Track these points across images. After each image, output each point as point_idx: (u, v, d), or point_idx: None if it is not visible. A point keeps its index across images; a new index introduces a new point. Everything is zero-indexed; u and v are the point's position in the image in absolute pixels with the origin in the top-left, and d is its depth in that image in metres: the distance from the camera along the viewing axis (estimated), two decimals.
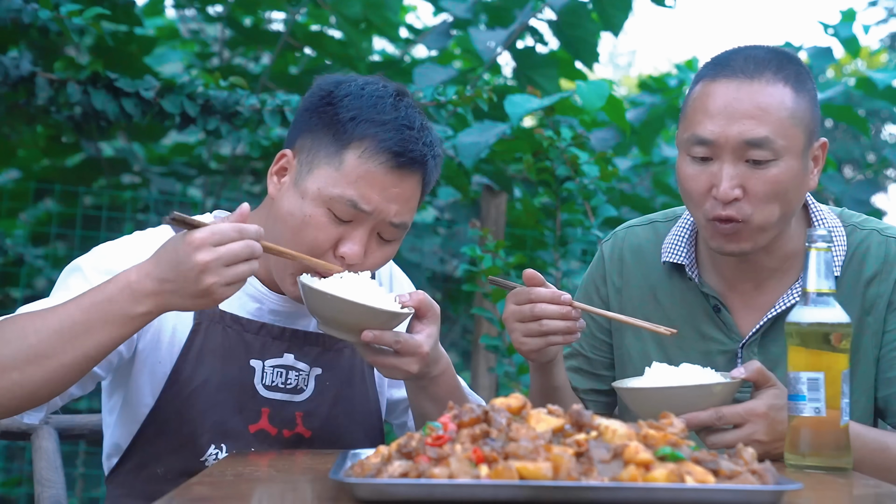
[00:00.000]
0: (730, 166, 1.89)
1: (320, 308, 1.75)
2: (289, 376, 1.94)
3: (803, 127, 1.92)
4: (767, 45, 1.99)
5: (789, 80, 1.92)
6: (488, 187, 4.33)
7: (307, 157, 1.85)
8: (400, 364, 1.77)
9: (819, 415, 1.64)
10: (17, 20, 3.38)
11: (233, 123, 3.69)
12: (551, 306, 1.87)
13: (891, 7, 9.76)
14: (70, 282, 1.83)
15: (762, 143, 1.88)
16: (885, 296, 2.00)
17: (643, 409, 1.74)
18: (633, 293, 2.13)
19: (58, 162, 5.02)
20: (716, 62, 1.96)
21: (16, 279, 4.66)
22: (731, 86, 1.91)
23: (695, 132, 1.92)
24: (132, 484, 1.91)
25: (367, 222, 1.83)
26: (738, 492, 1.25)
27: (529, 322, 1.88)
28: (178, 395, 1.87)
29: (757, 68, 1.91)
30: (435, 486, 1.23)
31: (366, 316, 1.73)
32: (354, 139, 1.82)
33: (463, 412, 1.36)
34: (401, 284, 2.14)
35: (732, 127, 1.89)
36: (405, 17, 5.68)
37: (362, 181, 1.81)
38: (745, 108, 1.89)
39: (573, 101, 4.12)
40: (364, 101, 1.85)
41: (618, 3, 4.55)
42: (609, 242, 2.21)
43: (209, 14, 5.23)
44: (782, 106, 1.89)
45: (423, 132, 1.86)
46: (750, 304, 2.04)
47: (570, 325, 1.88)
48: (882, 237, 2.04)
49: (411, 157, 1.83)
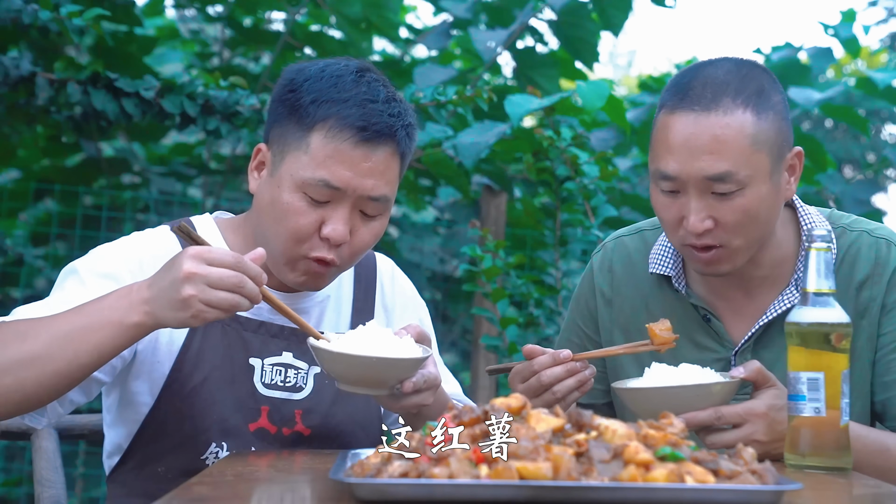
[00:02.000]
0: (696, 200, 1.87)
1: (345, 371, 1.70)
2: (288, 374, 1.94)
3: (768, 149, 1.87)
4: (728, 61, 1.94)
5: (749, 103, 1.87)
6: (488, 187, 4.33)
7: (278, 147, 1.87)
8: (421, 401, 1.76)
9: (819, 415, 1.64)
10: (18, 20, 3.38)
11: (233, 123, 3.69)
12: (555, 369, 1.84)
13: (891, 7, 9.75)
14: (66, 284, 1.83)
15: (724, 177, 1.85)
16: (879, 299, 1.99)
17: (643, 409, 1.73)
18: (624, 305, 2.11)
19: (58, 162, 5.02)
20: (676, 89, 1.91)
21: (16, 279, 4.66)
22: (689, 119, 1.86)
23: (658, 167, 1.90)
24: (133, 483, 1.91)
25: (345, 201, 1.83)
26: (738, 492, 1.25)
27: (544, 394, 1.85)
28: (177, 394, 1.87)
29: (714, 97, 1.86)
30: (435, 486, 1.23)
31: (402, 369, 1.70)
32: (318, 121, 1.83)
33: (463, 412, 1.36)
34: (402, 289, 2.14)
35: (693, 163, 1.85)
36: (405, 17, 5.68)
37: (331, 160, 1.82)
38: (703, 142, 1.85)
39: (573, 101, 4.12)
40: (324, 83, 1.85)
41: (618, 3, 4.55)
42: (598, 254, 2.20)
43: (209, 14, 5.23)
44: (742, 135, 1.85)
45: (389, 104, 1.86)
46: (740, 312, 2.03)
47: (580, 379, 1.85)
48: (872, 238, 2.01)
49: (376, 129, 1.83)
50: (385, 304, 2.09)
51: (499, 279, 3.70)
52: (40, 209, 5.07)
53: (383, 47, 5.89)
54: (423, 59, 5.37)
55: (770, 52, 5.77)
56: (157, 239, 1.92)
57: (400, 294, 2.13)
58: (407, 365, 1.70)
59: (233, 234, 1.97)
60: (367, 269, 2.09)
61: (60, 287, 1.84)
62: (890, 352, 1.98)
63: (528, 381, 1.86)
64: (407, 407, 1.76)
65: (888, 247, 2.01)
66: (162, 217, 4.78)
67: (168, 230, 1.94)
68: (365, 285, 2.08)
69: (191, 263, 1.58)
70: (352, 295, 2.06)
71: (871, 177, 7.23)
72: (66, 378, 1.65)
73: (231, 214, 2.05)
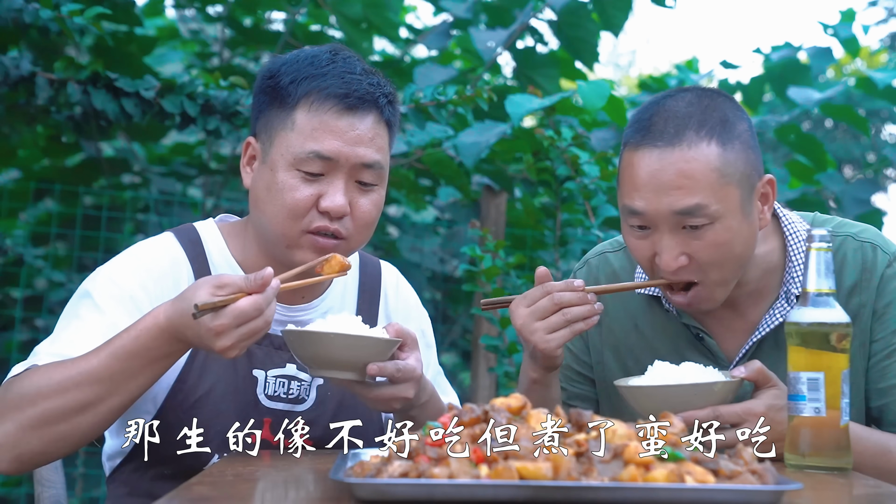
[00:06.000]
0: (668, 236, 1.85)
1: (317, 351, 1.72)
2: (291, 386, 1.93)
3: (736, 181, 1.84)
4: (689, 91, 1.91)
5: (714, 134, 1.84)
6: (488, 187, 4.33)
7: (266, 135, 1.89)
8: (398, 392, 1.77)
9: (819, 415, 1.64)
10: (18, 20, 3.38)
11: (233, 123, 3.69)
12: (569, 293, 1.87)
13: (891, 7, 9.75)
14: (82, 312, 1.83)
15: (693, 211, 1.82)
16: (869, 305, 1.96)
17: (644, 407, 1.75)
18: (613, 324, 2.09)
19: (58, 162, 5.02)
20: (638, 125, 1.88)
21: (16, 279, 4.66)
22: (654, 156, 1.84)
23: (626, 203, 1.88)
24: (135, 483, 1.90)
25: (339, 171, 1.85)
26: (738, 492, 1.25)
27: (551, 316, 1.87)
28: (181, 405, 1.87)
29: (677, 131, 1.83)
30: (435, 486, 1.23)
31: (366, 348, 1.72)
32: (300, 98, 1.85)
33: (463, 412, 1.36)
34: (406, 299, 2.13)
35: (661, 199, 1.83)
36: (405, 17, 5.68)
37: (318, 132, 1.84)
38: (669, 178, 1.82)
39: (573, 101, 4.12)
40: (300, 64, 1.88)
41: (618, 3, 4.55)
42: (582, 271, 2.17)
43: (209, 14, 5.23)
44: (708, 168, 1.82)
45: (367, 75, 1.89)
46: (731, 328, 2.01)
47: (590, 309, 1.87)
48: (857, 242, 1.99)
49: (358, 96, 1.85)
50: (388, 314, 2.09)
51: (499, 279, 3.70)
52: (40, 209, 5.07)
53: (383, 47, 5.89)
54: (423, 59, 5.37)
55: (770, 51, 5.76)
56: (159, 249, 1.92)
57: (403, 304, 2.12)
58: (370, 344, 1.71)
59: (235, 239, 1.97)
60: (371, 277, 2.09)
61: (76, 315, 1.83)
62: (883, 358, 1.96)
63: (539, 302, 1.87)
64: (383, 398, 1.77)
65: (874, 250, 1.98)
66: (162, 217, 4.78)
67: (168, 237, 1.94)
68: (370, 295, 2.07)
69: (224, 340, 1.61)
70: (356, 305, 2.05)
71: (871, 177, 7.23)
72: (120, 412, 1.71)
73: (234, 216, 2.05)
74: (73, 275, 4.57)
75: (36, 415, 1.66)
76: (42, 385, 1.67)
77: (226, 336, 1.61)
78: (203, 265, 1.92)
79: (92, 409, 1.67)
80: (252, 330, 1.62)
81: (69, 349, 1.75)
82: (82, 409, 1.67)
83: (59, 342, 1.78)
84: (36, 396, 1.67)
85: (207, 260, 1.93)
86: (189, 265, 1.91)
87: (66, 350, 1.75)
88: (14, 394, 1.69)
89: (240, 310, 1.60)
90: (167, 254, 1.91)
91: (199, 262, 1.92)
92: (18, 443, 1.68)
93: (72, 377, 1.66)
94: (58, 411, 1.66)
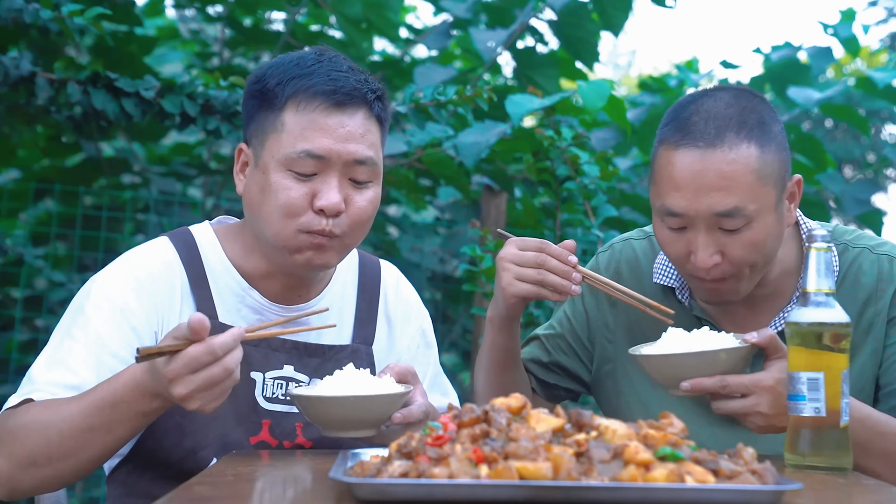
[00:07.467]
0: (705, 236, 1.87)
1: (330, 414, 1.69)
2: (289, 388, 1.93)
3: (773, 182, 1.87)
4: (726, 91, 1.92)
5: (753, 136, 1.86)
6: (488, 187, 4.33)
7: (257, 139, 1.88)
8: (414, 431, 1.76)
9: (819, 415, 1.64)
10: (18, 20, 3.38)
11: (233, 123, 3.69)
12: (556, 261, 1.90)
13: (891, 7, 9.75)
14: (74, 331, 1.82)
15: (733, 213, 1.84)
16: (883, 314, 1.99)
17: (656, 375, 1.80)
18: (629, 308, 2.10)
19: (58, 162, 5.02)
20: (677, 125, 1.89)
21: (16, 279, 4.66)
22: (695, 156, 1.85)
23: (664, 203, 1.89)
24: (134, 483, 1.90)
25: (332, 170, 1.84)
26: (738, 492, 1.25)
27: (528, 268, 1.90)
28: (179, 408, 1.86)
29: (718, 132, 1.85)
30: (435, 486, 1.23)
31: (380, 405, 1.69)
32: (287, 99, 1.85)
33: (463, 412, 1.36)
34: (406, 299, 2.12)
35: (701, 200, 1.84)
36: (405, 17, 5.69)
37: (308, 131, 1.83)
38: (711, 179, 1.84)
39: (574, 101, 4.12)
40: (286, 66, 1.88)
41: (618, 3, 4.55)
42: (605, 254, 2.19)
43: (209, 14, 5.23)
44: (748, 170, 1.84)
45: (353, 72, 1.89)
46: (743, 326, 2.01)
47: (565, 284, 1.90)
48: (874, 255, 2.01)
49: (345, 92, 1.85)
50: (388, 314, 2.08)
51: None
52: (40, 209, 5.07)
53: (383, 47, 5.89)
54: (423, 59, 5.37)
55: (770, 51, 5.76)
56: (152, 253, 1.92)
57: (403, 303, 2.12)
58: (383, 402, 1.69)
59: (231, 242, 1.96)
60: (371, 278, 2.09)
61: (69, 335, 1.82)
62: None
63: (528, 251, 1.91)
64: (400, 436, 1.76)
65: (890, 262, 2.01)
66: (162, 217, 4.78)
67: (163, 241, 1.94)
68: (369, 295, 2.07)
69: (178, 387, 1.56)
70: (354, 305, 2.05)
71: (871, 177, 7.23)
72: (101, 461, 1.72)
73: (233, 218, 2.05)
74: (73, 275, 4.57)
75: (24, 455, 1.69)
76: (31, 426, 1.69)
77: (180, 383, 1.56)
78: (198, 268, 1.92)
79: (74, 457, 1.68)
80: (209, 379, 1.56)
81: (64, 376, 1.77)
82: (64, 456, 1.68)
83: (54, 368, 1.78)
84: (25, 438, 1.69)
85: (203, 263, 1.93)
86: (183, 268, 1.91)
87: (61, 378, 1.76)
88: (7, 431, 1.71)
89: (189, 355, 1.55)
90: (160, 257, 1.91)
91: (193, 265, 1.92)
92: (11, 478, 1.71)
93: (55, 423, 1.68)
94: (43, 455, 1.68)
